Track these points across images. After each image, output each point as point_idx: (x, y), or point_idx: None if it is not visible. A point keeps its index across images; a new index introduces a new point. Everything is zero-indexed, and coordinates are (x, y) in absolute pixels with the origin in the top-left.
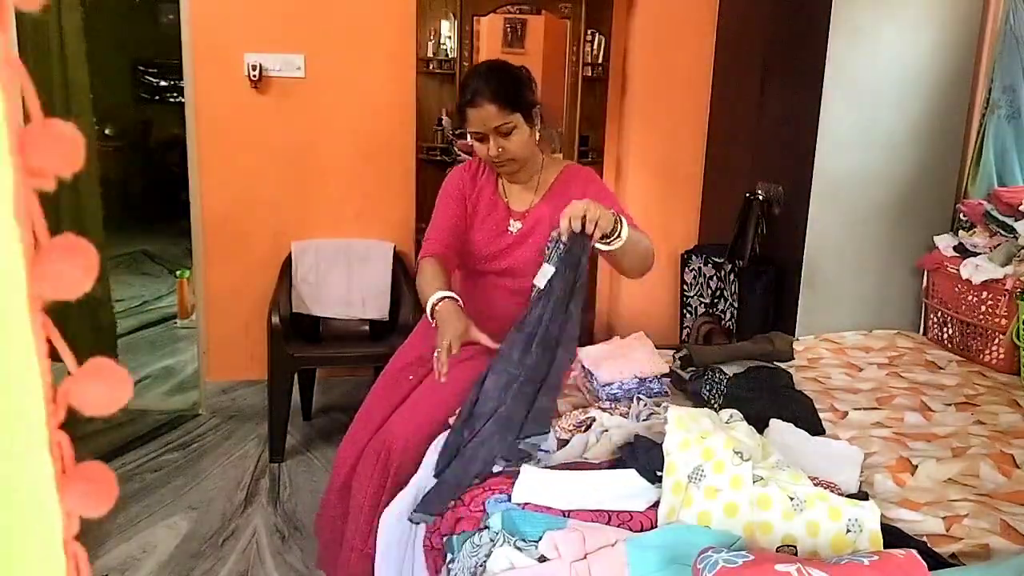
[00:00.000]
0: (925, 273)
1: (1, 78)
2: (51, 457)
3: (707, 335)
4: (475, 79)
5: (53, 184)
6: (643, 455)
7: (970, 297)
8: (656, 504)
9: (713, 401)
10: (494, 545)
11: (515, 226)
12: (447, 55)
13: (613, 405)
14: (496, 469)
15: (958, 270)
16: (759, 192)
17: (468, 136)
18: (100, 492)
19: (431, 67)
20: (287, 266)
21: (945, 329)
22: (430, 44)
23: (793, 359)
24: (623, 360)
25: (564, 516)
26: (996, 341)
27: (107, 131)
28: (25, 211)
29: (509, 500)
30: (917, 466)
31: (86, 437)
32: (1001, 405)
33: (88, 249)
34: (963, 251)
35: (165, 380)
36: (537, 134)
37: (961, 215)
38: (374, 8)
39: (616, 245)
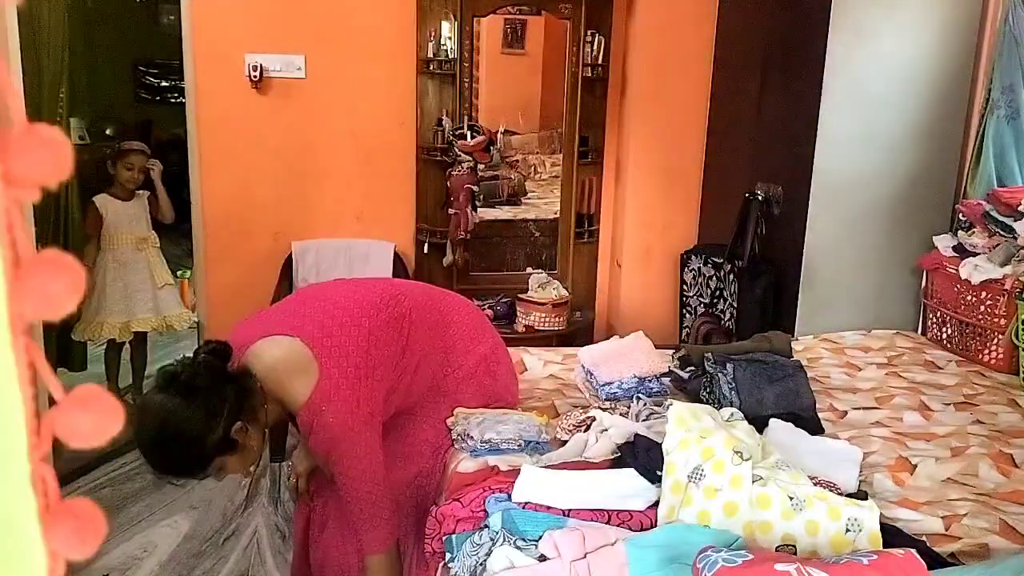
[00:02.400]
0: (924, 273)
1: None
2: (35, 493)
3: (707, 335)
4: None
5: (38, 195)
6: (643, 455)
7: (969, 297)
8: (656, 504)
9: (712, 402)
10: (494, 544)
11: None
12: (447, 56)
13: (613, 405)
14: (504, 468)
15: (957, 270)
16: (759, 192)
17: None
18: (88, 530)
19: (431, 67)
20: (287, 266)
21: (944, 329)
22: (430, 45)
23: (792, 358)
24: (623, 360)
25: (564, 516)
26: (995, 341)
27: (107, 131)
28: (6, 224)
29: (509, 499)
30: (916, 466)
31: None
32: (1000, 405)
33: (73, 265)
34: (962, 251)
35: None
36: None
37: (960, 215)
38: (374, 8)
39: None
